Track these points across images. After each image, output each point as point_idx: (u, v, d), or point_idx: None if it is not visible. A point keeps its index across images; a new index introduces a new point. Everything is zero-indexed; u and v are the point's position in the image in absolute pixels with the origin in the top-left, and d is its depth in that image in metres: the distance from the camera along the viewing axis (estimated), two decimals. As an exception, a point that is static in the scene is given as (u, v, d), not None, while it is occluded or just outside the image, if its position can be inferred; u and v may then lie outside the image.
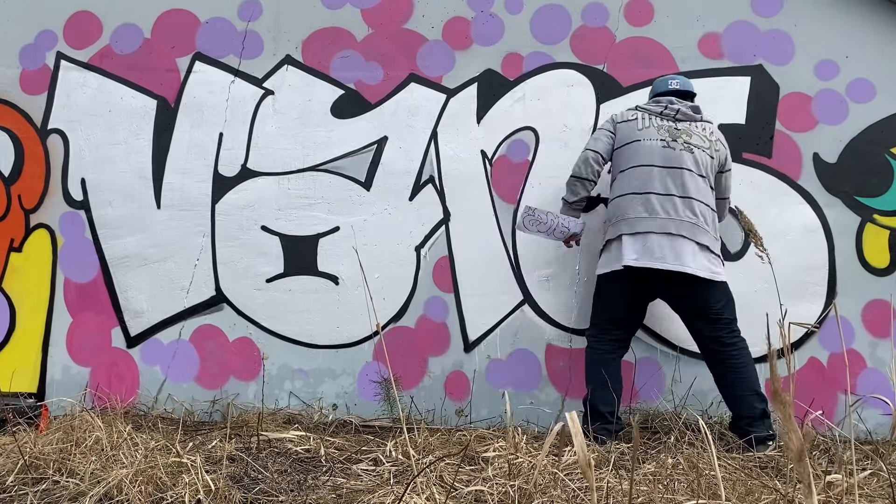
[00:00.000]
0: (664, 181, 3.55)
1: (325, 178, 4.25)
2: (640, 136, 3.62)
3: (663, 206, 3.52)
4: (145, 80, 4.31)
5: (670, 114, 3.66)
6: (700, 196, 3.56)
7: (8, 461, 2.97)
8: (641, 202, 3.55)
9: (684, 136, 3.60)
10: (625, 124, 3.69)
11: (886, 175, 4.08)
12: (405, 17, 4.26)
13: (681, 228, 3.49)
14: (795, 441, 1.31)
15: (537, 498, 2.46)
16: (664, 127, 3.63)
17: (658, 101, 3.72)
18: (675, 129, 3.62)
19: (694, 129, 3.65)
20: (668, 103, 3.67)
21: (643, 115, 3.68)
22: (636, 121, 3.66)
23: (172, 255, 4.26)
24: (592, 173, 3.70)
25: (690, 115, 3.67)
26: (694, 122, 3.67)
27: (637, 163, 3.61)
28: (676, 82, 3.78)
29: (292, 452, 3.24)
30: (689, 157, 3.58)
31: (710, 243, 3.53)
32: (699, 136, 3.63)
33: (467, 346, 4.16)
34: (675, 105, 3.66)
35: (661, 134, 3.61)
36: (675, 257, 3.47)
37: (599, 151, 3.69)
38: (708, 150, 3.62)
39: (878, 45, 4.11)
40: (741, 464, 3.12)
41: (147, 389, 4.20)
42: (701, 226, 3.52)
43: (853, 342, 4.03)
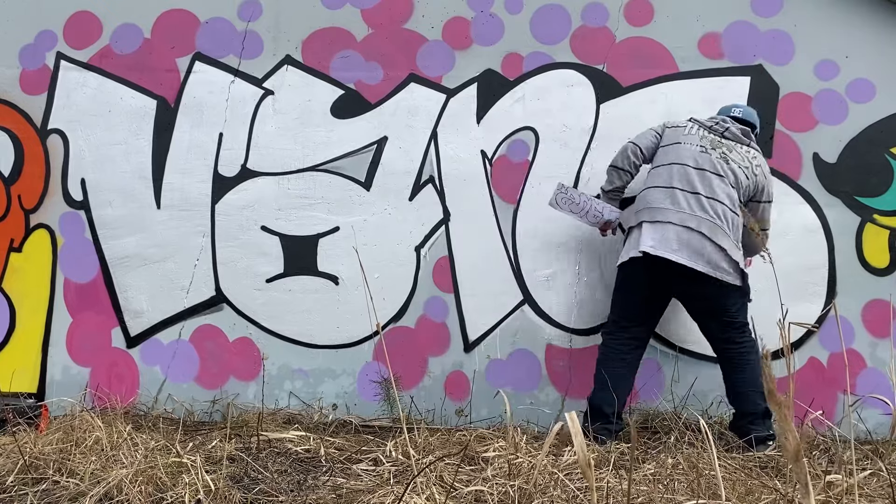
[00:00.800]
0: (692, 179, 3.57)
1: (325, 178, 4.25)
2: (682, 139, 3.68)
3: (687, 201, 3.55)
4: (145, 80, 4.31)
5: (719, 130, 3.70)
6: (726, 200, 3.55)
7: (8, 461, 2.97)
8: (667, 194, 3.59)
9: (724, 149, 3.64)
10: (672, 130, 3.74)
11: (886, 175, 4.08)
12: (405, 17, 4.26)
13: (701, 225, 3.50)
14: (792, 441, 1.31)
15: (537, 498, 2.46)
16: (708, 138, 3.67)
17: (713, 118, 3.78)
18: (717, 142, 3.66)
19: (737, 148, 3.68)
20: (720, 121, 3.74)
21: (693, 125, 3.73)
22: (684, 128, 3.72)
23: (172, 255, 4.26)
24: (629, 164, 3.74)
25: (738, 136, 3.70)
26: (740, 144, 3.70)
27: (671, 161, 3.65)
28: (739, 111, 3.81)
29: (292, 452, 3.24)
30: (722, 166, 3.60)
31: (729, 248, 3.52)
32: (740, 156, 3.65)
33: (467, 346, 4.16)
34: (727, 124, 3.71)
35: (703, 142, 3.65)
36: (690, 253, 3.48)
37: (640, 145, 3.74)
38: (745, 171, 3.63)
39: (878, 45, 4.10)
40: (741, 464, 3.12)
41: (147, 389, 4.20)
42: (722, 227, 3.51)
43: (853, 342, 4.03)
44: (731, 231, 3.54)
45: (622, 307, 3.72)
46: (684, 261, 3.46)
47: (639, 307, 3.69)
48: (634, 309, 3.69)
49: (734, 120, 3.75)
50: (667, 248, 3.48)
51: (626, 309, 3.70)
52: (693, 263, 3.46)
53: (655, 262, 3.51)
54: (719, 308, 3.58)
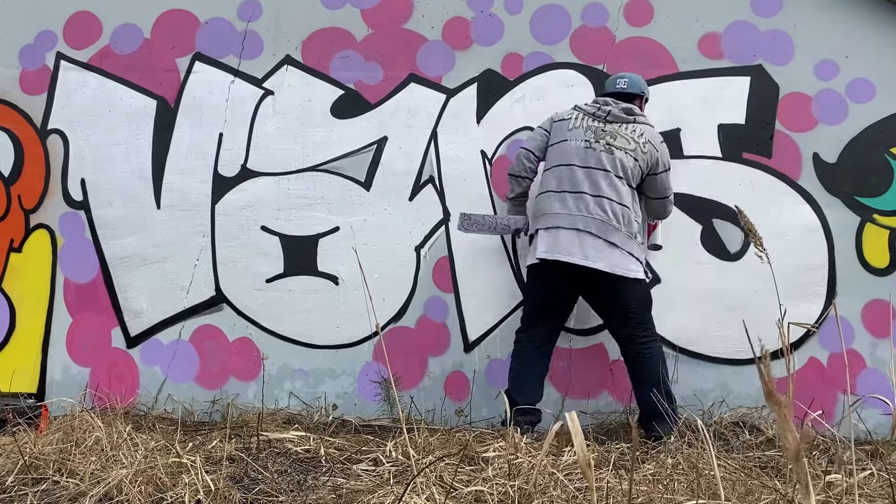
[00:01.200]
0: (579, 180, 3.64)
1: (325, 178, 4.25)
2: (567, 136, 3.71)
3: (576, 203, 3.62)
4: (145, 80, 4.31)
5: (602, 115, 3.71)
6: (613, 196, 3.61)
7: (8, 461, 2.97)
8: (557, 199, 3.66)
9: (608, 137, 3.67)
10: (560, 123, 3.78)
11: (886, 175, 4.08)
12: (405, 17, 4.26)
13: (589, 225, 3.58)
14: (792, 441, 1.31)
15: (537, 498, 2.46)
16: (592, 128, 3.70)
17: (596, 101, 3.78)
18: (601, 131, 3.68)
19: (622, 130, 3.69)
20: (602, 104, 3.74)
21: (578, 115, 3.75)
22: (570, 120, 3.74)
23: (172, 255, 4.26)
24: (525, 170, 3.82)
25: (622, 117, 3.70)
26: (625, 124, 3.70)
27: (559, 162, 3.70)
28: (624, 82, 3.83)
29: (292, 452, 3.24)
30: (608, 159, 3.64)
31: (621, 241, 3.58)
32: (625, 138, 3.67)
33: (467, 346, 4.16)
34: (608, 107, 3.71)
35: (587, 135, 3.68)
36: (581, 252, 3.57)
37: (531, 150, 3.81)
38: (632, 153, 3.66)
39: (877, 45, 4.10)
40: (741, 464, 3.12)
41: (147, 389, 4.20)
42: (611, 224, 3.58)
43: (853, 342, 4.03)
44: (621, 225, 3.59)
45: (530, 305, 3.87)
46: (578, 260, 3.56)
47: (544, 306, 3.79)
48: (540, 307, 3.80)
49: (619, 97, 3.78)
50: (560, 251, 3.59)
51: (533, 307, 3.84)
52: (586, 262, 3.55)
53: (555, 266, 3.62)
54: (619, 304, 3.67)
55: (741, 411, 3.89)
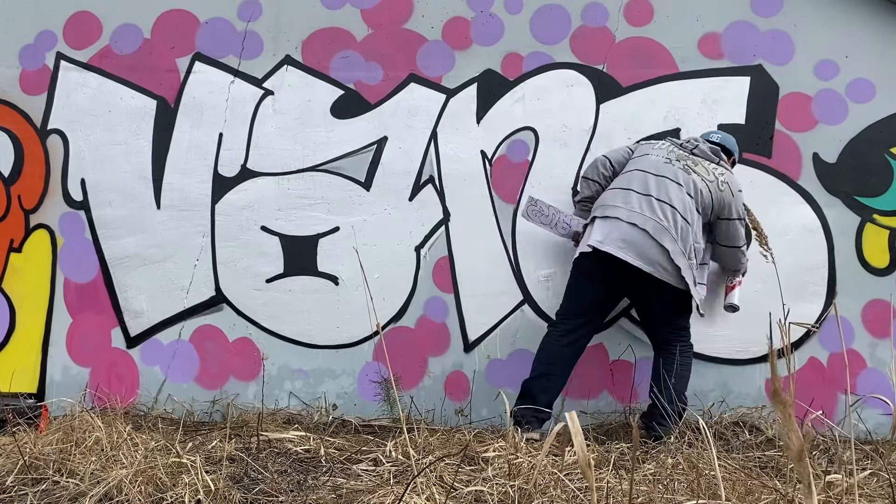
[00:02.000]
0: (648, 183, 3.64)
1: (325, 178, 4.25)
2: (650, 152, 3.77)
3: (638, 201, 3.61)
4: (145, 80, 4.31)
5: (689, 147, 3.78)
6: (679, 206, 3.58)
7: (8, 461, 2.97)
8: (620, 194, 3.66)
9: (689, 162, 3.70)
10: (646, 145, 3.85)
11: (886, 175, 4.08)
12: (405, 17, 4.26)
13: (646, 223, 3.54)
14: (795, 441, 1.31)
15: (537, 498, 2.46)
16: (675, 152, 3.75)
17: (689, 139, 3.84)
18: (684, 156, 3.72)
19: (704, 163, 3.72)
20: (693, 139, 3.82)
21: (667, 142, 3.83)
22: (656, 143, 3.83)
23: (172, 256, 4.26)
24: (597, 175, 3.82)
25: (707, 154, 3.76)
26: (709, 162, 3.74)
27: (633, 168, 3.73)
28: (718, 136, 3.89)
29: (292, 452, 3.24)
30: (684, 176, 3.64)
31: (673, 251, 3.52)
32: (705, 170, 3.70)
33: (467, 346, 4.16)
34: (697, 142, 3.78)
35: (670, 155, 3.73)
36: (635, 252, 3.52)
37: (609, 157, 3.84)
38: (708, 184, 3.66)
39: (877, 45, 4.10)
40: (741, 464, 3.12)
41: (147, 390, 4.20)
42: (669, 230, 3.54)
43: (853, 342, 4.03)
44: (677, 235, 3.54)
45: (570, 299, 3.76)
46: (629, 259, 3.51)
47: (586, 300, 3.72)
48: (581, 302, 3.72)
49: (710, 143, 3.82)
50: (613, 245, 3.54)
51: (573, 301, 3.74)
52: (636, 262, 3.51)
53: (603, 259, 3.56)
54: (660, 308, 3.66)
55: (741, 411, 3.89)
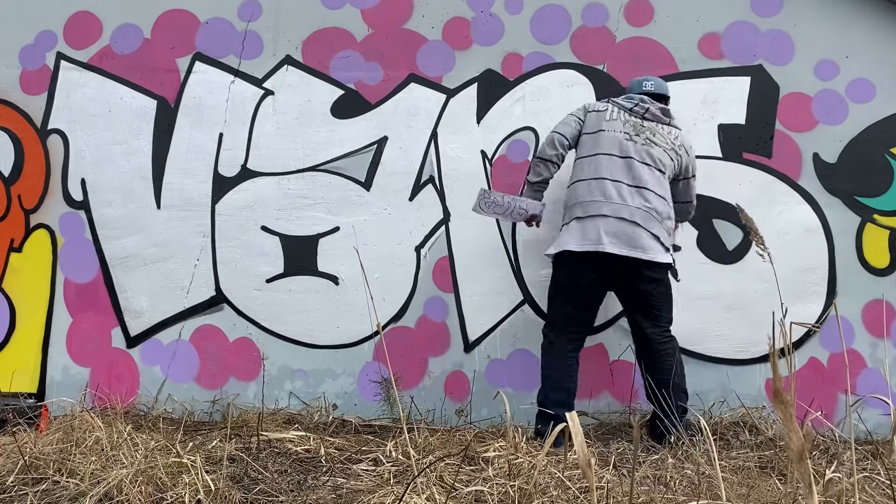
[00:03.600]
0: (620, 170, 3.59)
1: (325, 178, 4.25)
2: (605, 126, 3.66)
3: (618, 191, 3.56)
4: (145, 80, 4.31)
5: (640, 111, 3.69)
6: (657, 188, 3.59)
7: (8, 461, 2.97)
8: (597, 186, 3.58)
9: (648, 133, 3.66)
10: (594, 114, 3.72)
11: (886, 175, 4.08)
12: (405, 18, 4.26)
13: (634, 215, 3.53)
14: (796, 441, 1.31)
15: (537, 498, 2.46)
16: (630, 122, 3.67)
17: (631, 97, 3.75)
18: (640, 126, 3.67)
19: (659, 129, 3.69)
20: (639, 101, 3.71)
21: (613, 107, 3.71)
22: (605, 111, 3.70)
23: (172, 256, 4.26)
24: (556, 156, 3.71)
25: (659, 116, 3.70)
26: (661, 124, 3.71)
27: (597, 151, 3.64)
28: (651, 84, 3.81)
29: (292, 452, 3.24)
30: (648, 153, 3.63)
31: (661, 235, 3.56)
32: (663, 137, 3.68)
33: (467, 346, 4.16)
34: (646, 104, 3.70)
35: (626, 128, 3.65)
36: (626, 243, 3.49)
37: (565, 135, 3.71)
38: (669, 152, 3.67)
39: (877, 45, 4.11)
40: (741, 464, 3.12)
41: (147, 389, 4.20)
42: (654, 216, 3.55)
43: (853, 342, 4.03)
44: (661, 218, 3.57)
45: (566, 303, 3.65)
46: (623, 251, 3.48)
47: (581, 303, 3.66)
48: (578, 306, 3.65)
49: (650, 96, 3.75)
50: (602, 242, 3.50)
51: (569, 306, 3.65)
52: (630, 252, 3.49)
53: (593, 257, 3.52)
54: (648, 298, 3.61)
55: (741, 411, 3.89)
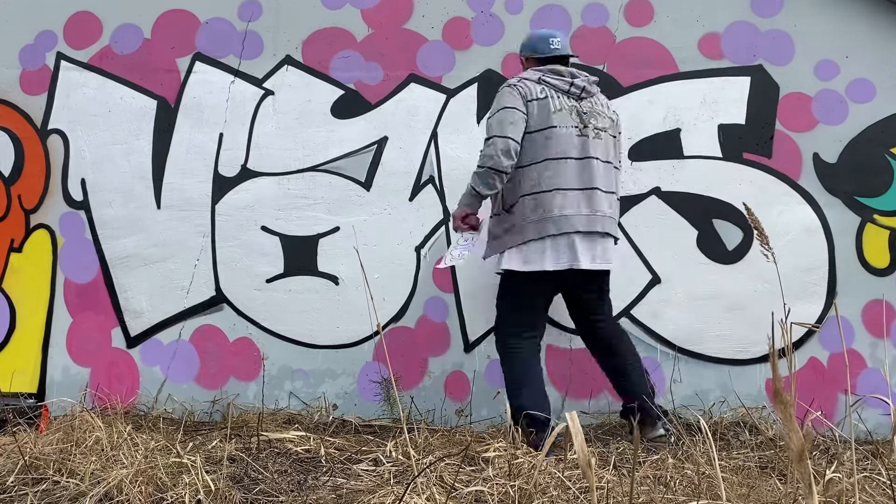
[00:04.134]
0: (581, 174, 3.37)
1: (325, 178, 4.25)
2: (555, 121, 3.34)
3: (588, 203, 3.37)
4: (145, 80, 4.31)
5: (576, 93, 3.42)
6: (611, 187, 3.51)
7: (8, 461, 2.97)
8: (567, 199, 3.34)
9: (592, 120, 3.42)
10: (536, 104, 3.35)
11: (886, 175, 4.08)
12: (405, 18, 4.26)
13: (605, 225, 3.44)
14: (796, 441, 1.31)
15: (537, 498, 2.46)
16: (574, 109, 3.39)
17: (560, 74, 3.43)
18: (583, 113, 3.40)
19: (597, 108, 3.47)
20: (571, 79, 3.42)
21: (553, 94, 3.38)
22: (548, 101, 3.35)
23: (172, 256, 4.26)
24: (511, 166, 3.31)
25: (590, 90, 3.46)
26: (594, 98, 3.49)
27: (554, 154, 3.34)
28: (558, 41, 3.52)
29: (292, 452, 3.24)
30: (601, 146, 3.42)
31: (617, 234, 3.58)
32: (603, 117, 3.47)
33: (467, 346, 4.16)
34: (580, 82, 3.42)
35: (574, 120, 3.37)
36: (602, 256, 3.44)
37: (518, 140, 3.31)
38: (611, 131, 3.49)
39: (877, 44, 4.11)
40: (741, 464, 3.12)
41: (147, 390, 4.20)
42: (613, 220, 3.53)
43: (853, 342, 4.03)
44: (617, 216, 3.57)
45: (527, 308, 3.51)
46: (597, 265, 3.42)
47: (540, 312, 3.58)
48: (537, 314, 3.56)
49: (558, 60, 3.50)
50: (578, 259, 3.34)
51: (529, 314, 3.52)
52: (603, 265, 3.45)
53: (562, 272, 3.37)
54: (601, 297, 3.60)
55: (741, 411, 3.89)
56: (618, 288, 4.07)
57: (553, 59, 3.52)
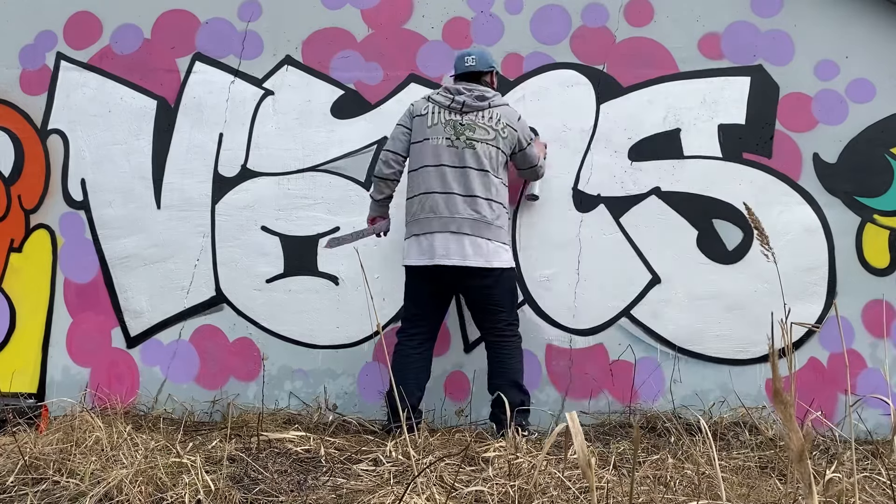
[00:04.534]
0: (448, 181, 3.64)
1: (325, 178, 4.25)
2: (428, 134, 3.69)
3: (447, 206, 3.63)
4: (145, 80, 4.31)
5: (457, 107, 3.68)
6: (483, 192, 3.64)
7: (8, 461, 2.97)
8: (428, 202, 3.66)
9: (468, 131, 3.67)
10: (419, 119, 3.73)
11: (886, 175, 4.08)
12: (405, 18, 4.26)
13: (462, 226, 3.60)
14: (796, 441, 1.31)
15: (537, 498, 2.46)
16: (450, 123, 3.67)
17: (447, 92, 3.72)
18: (459, 125, 3.67)
19: (479, 121, 3.68)
20: (455, 95, 3.69)
21: (433, 109, 3.71)
22: (427, 116, 3.71)
23: (172, 256, 4.26)
24: (393, 173, 3.78)
25: (476, 105, 3.68)
26: (481, 112, 3.69)
27: (424, 163, 3.68)
28: (472, 59, 3.76)
29: (292, 453, 3.23)
30: (472, 154, 3.65)
31: (494, 236, 3.64)
32: (483, 128, 3.68)
33: (467, 346, 4.16)
34: (461, 98, 3.67)
35: (447, 132, 3.66)
36: (457, 253, 3.59)
37: (397, 151, 3.77)
38: (493, 143, 3.68)
39: (877, 44, 4.11)
40: (741, 464, 3.12)
41: (147, 390, 4.20)
42: (484, 221, 3.62)
43: (853, 342, 4.03)
44: (493, 220, 3.64)
45: (409, 309, 3.81)
46: (456, 262, 3.59)
47: (423, 307, 3.77)
48: (420, 309, 3.77)
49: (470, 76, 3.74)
50: (436, 256, 3.61)
51: (414, 308, 3.78)
52: (465, 262, 3.59)
53: (431, 269, 3.64)
54: (491, 299, 3.69)
55: (741, 411, 3.89)
56: (618, 288, 4.10)
57: (468, 76, 3.76)
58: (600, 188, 4.15)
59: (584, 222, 4.13)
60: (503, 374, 3.68)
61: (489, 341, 3.77)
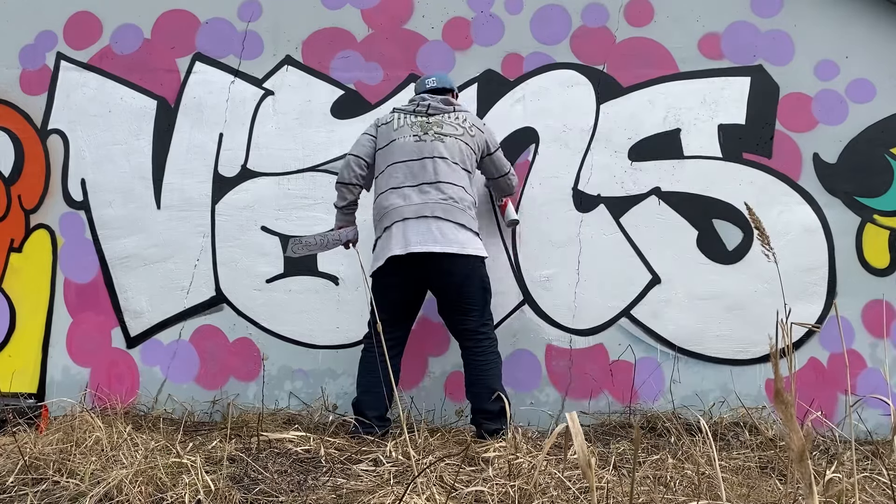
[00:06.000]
0: (416, 172, 3.58)
1: (325, 178, 4.25)
2: (395, 136, 3.66)
3: (418, 194, 3.56)
4: (145, 80, 4.32)
5: (422, 110, 3.69)
6: (453, 179, 3.59)
7: (8, 461, 2.97)
8: (397, 194, 3.59)
9: (435, 127, 3.66)
10: (384, 127, 3.72)
11: (886, 175, 4.08)
12: (405, 18, 4.26)
13: (435, 210, 3.53)
14: (796, 441, 1.31)
15: (537, 498, 2.46)
16: (417, 123, 3.67)
17: (412, 100, 3.76)
18: (426, 124, 3.66)
19: (446, 119, 3.69)
20: (419, 101, 3.72)
21: (399, 115, 3.72)
22: (392, 123, 3.70)
23: (172, 256, 4.26)
24: (355, 177, 3.70)
25: (441, 108, 3.70)
26: (446, 114, 3.70)
27: (392, 161, 3.63)
28: (433, 80, 3.81)
29: (292, 453, 3.23)
30: (441, 146, 3.61)
31: (468, 222, 3.58)
32: (451, 126, 3.68)
33: (467, 346, 4.15)
34: (427, 101, 3.70)
35: (415, 130, 3.65)
36: (433, 239, 3.49)
37: (360, 155, 3.71)
38: (462, 137, 3.66)
39: (877, 44, 4.11)
40: (741, 464, 3.12)
41: (147, 390, 4.20)
42: (456, 206, 3.56)
43: (853, 342, 4.03)
44: (464, 208, 3.58)
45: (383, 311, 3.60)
46: (434, 248, 3.48)
47: (395, 310, 3.65)
48: (391, 312, 3.63)
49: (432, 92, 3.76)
50: (413, 244, 3.48)
51: (387, 312, 3.61)
52: (443, 248, 3.49)
53: (405, 262, 3.51)
54: (463, 296, 3.58)
55: (741, 411, 3.89)
56: (618, 288, 4.10)
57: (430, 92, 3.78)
58: (600, 188, 4.15)
59: (584, 222, 4.13)
60: (479, 382, 3.55)
61: (464, 346, 3.64)
